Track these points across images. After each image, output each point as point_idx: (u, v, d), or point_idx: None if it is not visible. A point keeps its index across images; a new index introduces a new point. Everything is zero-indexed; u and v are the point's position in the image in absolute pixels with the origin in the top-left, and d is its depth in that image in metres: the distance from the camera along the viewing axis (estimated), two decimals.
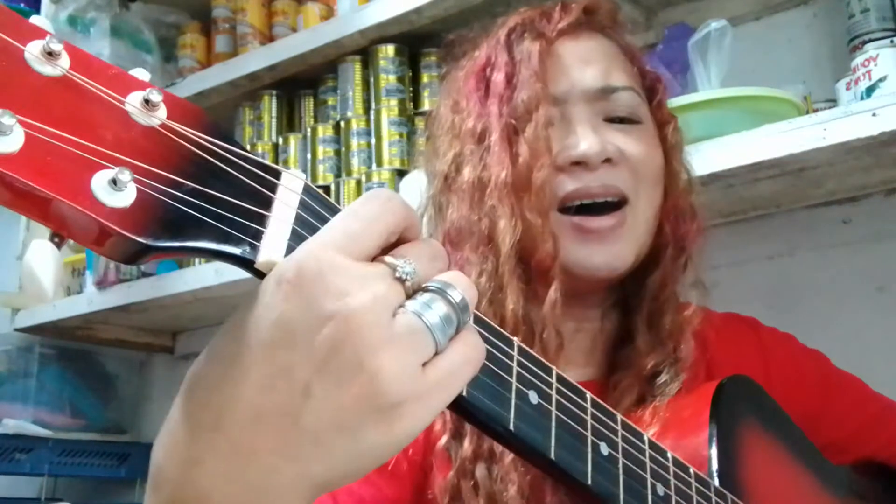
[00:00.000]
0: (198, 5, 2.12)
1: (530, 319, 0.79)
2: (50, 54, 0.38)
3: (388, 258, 0.43)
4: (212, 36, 2.07)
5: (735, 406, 0.77)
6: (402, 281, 0.43)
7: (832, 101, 1.27)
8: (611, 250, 0.81)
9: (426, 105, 1.65)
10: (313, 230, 0.44)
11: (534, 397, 0.51)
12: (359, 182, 1.64)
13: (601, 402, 0.58)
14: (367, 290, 0.41)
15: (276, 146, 1.83)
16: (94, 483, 2.23)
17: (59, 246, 0.35)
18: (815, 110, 1.26)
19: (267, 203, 0.43)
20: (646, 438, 0.61)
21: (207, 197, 0.41)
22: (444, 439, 0.76)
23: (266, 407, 0.41)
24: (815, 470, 0.87)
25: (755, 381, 0.83)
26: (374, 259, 0.43)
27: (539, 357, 0.53)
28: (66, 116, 0.38)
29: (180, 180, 0.41)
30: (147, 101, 0.41)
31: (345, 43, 1.66)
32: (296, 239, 0.43)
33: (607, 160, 0.81)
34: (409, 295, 0.43)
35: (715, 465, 0.71)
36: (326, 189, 1.71)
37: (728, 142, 1.15)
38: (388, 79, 1.65)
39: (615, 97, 0.84)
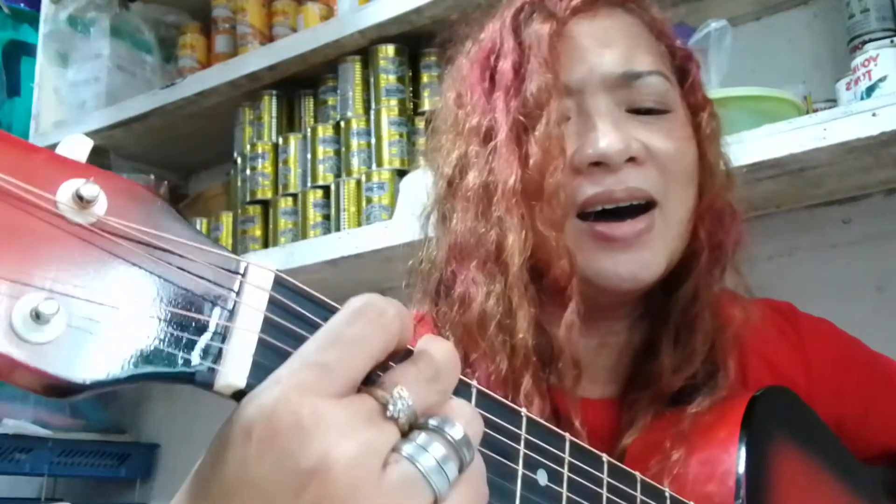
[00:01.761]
0: (198, 5, 2.12)
1: (545, 347, 0.72)
2: None
3: (378, 391, 0.38)
4: (212, 36, 2.07)
5: (767, 425, 0.70)
6: (394, 419, 0.37)
7: (832, 101, 1.27)
8: (638, 259, 0.71)
9: (426, 105, 1.64)
10: (284, 335, 0.38)
11: (542, 478, 0.46)
12: (359, 182, 1.64)
13: (619, 466, 0.53)
14: (353, 438, 0.35)
15: (276, 146, 1.83)
16: (94, 483, 2.23)
17: None
18: (815, 110, 1.26)
19: (228, 309, 0.37)
20: (667, 495, 0.57)
21: (155, 310, 0.35)
22: None
23: None
24: (855, 490, 0.80)
25: (790, 392, 0.75)
26: (360, 387, 0.38)
27: (551, 427, 0.48)
28: None
29: (122, 294, 0.34)
30: (80, 197, 0.34)
31: (345, 43, 1.66)
32: (262, 353, 0.37)
33: (631, 159, 0.71)
34: (405, 432, 0.38)
35: (743, 497, 0.64)
36: (326, 189, 1.72)
37: (728, 142, 1.15)
38: (388, 79, 1.65)
39: (639, 84, 0.73)
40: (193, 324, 0.36)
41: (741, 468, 0.65)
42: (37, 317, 0.32)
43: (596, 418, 0.74)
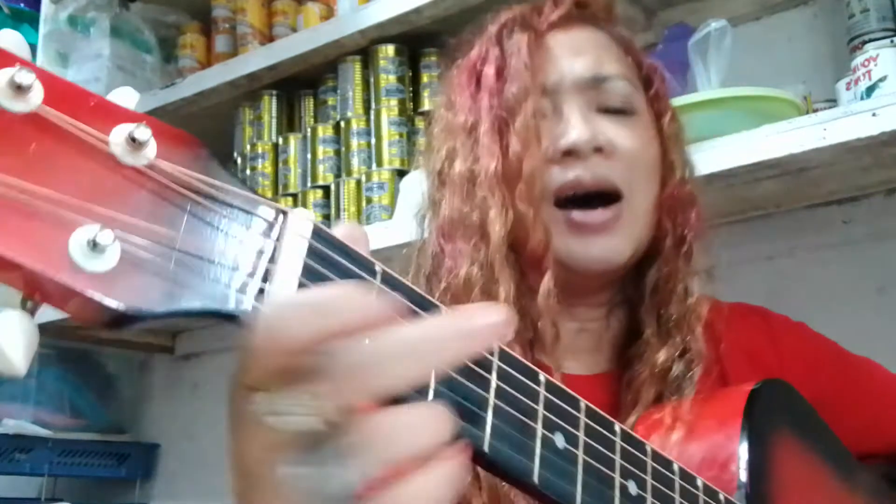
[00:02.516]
0: (198, 5, 2.11)
1: (525, 311, 0.78)
2: (19, 87, 0.33)
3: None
4: (212, 36, 2.07)
5: (768, 416, 0.73)
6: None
7: (832, 101, 1.27)
8: (607, 243, 0.80)
9: (426, 105, 1.64)
10: (322, 280, 0.39)
11: (560, 441, 0.47)
12: (359, 182, 1.64)
13: (630, 433, 0.54)
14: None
15: (276, 146, 1.83)
16: (94, 483, 2.23)
17: (32, 312, 0.31)
18: (815, 110, 1.26)
19: (272, 252, 0.39)
20: (676, 468, 0.58)
21: (202, 250, 0.37)
22: None
23: None
24: (849, 480, 0.83)
25: (790, 386, 0.79)
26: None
27: (566, 389, 0.49)
28: (37, 163, 0.33)
29: (170, 232, 0.36)
30: (133, 139, 0.35)
31: (345, 43, 1.66)
32: None
33: (598, 150, 0.80)
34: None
35: (745, 484, 0.66)
36: (326, 189, 1.72)
37: (728, 142, 1.15)
38: (388, 79, 1.65)
39: (607, 86, 0.83)
40: (238, 265, 0.38)
41: (744, 456, 0.67)
42: (93, 246, 0.33)
43: (585, 394, 0.76)
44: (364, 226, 1.57)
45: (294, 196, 1.76)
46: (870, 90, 1.17)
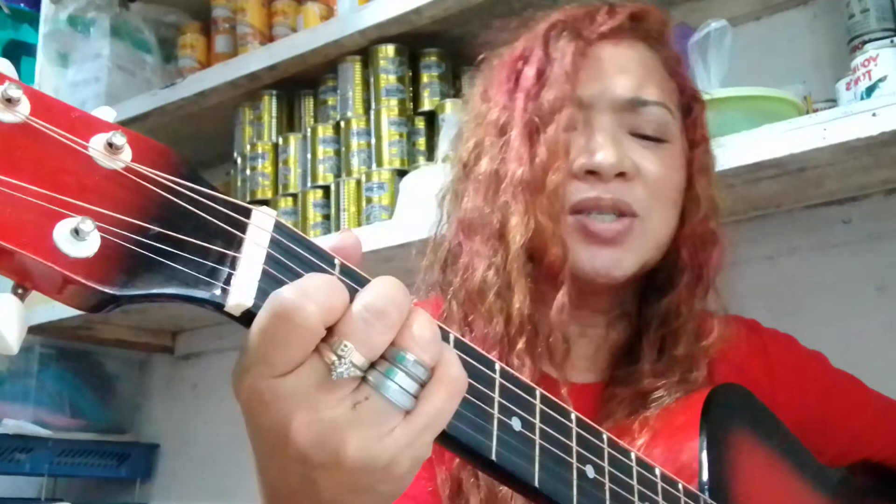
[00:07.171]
0: (198, 5, 2.12)
1: (536, 320, 0.78)
2: (9, 101, 0.37)
3: (327, 352, 0.43)
4: (212, 36, 2.07)
5: (726, 414, 0.76)
6: (341, 379, 0.43)
7: (832, 101, 1.27)
8: (613, 255, 0.79)
9: (426, 105, 1.65)
10: (284, 269, 0.44)
11: (516, 424, 0.50)
12: (359, 182, 1.64)
13: (587, 421, 0.57)
14: (305, 407, 0.43)
15: (276, 146, 1.83)
16: (94, 483, 2.23)
17: (22, 298, 0.35)
18: (815, 110, 1.26)
19: (237, 244, 0.43)
20: (633, 456, 0.60)
21: (174, 241, 0.41)
22: None
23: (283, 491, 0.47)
24: (809, 476, 0.85)
25: (746, 389, 0.81)
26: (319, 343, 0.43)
27: (521, 378, 0.52)
28: (26, 164, 0.37)
29: (145, 225, 0.40)
30: (110, 145, 0.40)
31: (345, 43, 1.66)
32: (266, 280, 0.43)
33: (621, 174, 0.79)
34: (364, 370, 0.43)
35: (705, 477, 0.70)
36: (326, 189, 1.72)
37: (728, 142, 1.15)
38: (388, 79, 1.65)
39: (644, 111, 0.82)
40: (209, 254, 0.42)
41: (703, 452, 0.71)
42: (76, 233, 0.37)
43: (574, 402, 0.77)
44: (364, 226, 1.57)
45: (294, 196, 1.76)
46: (870, 90, 1.17)
